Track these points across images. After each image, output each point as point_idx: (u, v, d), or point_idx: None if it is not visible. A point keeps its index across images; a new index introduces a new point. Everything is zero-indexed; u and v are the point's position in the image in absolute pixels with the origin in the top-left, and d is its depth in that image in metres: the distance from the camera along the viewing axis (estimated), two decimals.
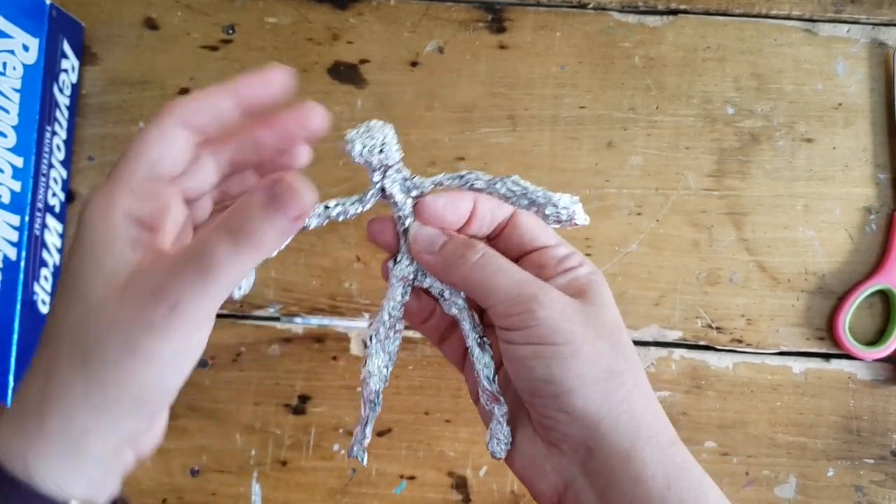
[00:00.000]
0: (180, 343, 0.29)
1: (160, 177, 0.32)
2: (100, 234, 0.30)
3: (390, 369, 0.37)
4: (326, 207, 0.35)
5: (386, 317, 0.36)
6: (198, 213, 0.36)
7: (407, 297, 0.36)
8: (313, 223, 0.35)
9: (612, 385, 0.32)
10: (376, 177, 0.35)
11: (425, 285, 0.36)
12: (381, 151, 0.34)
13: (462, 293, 0.36)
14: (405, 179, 0.35)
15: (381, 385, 0.36)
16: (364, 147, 0.34)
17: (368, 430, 0.37)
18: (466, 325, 0.36)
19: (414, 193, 0.35)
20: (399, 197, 0.35)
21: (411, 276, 0.36)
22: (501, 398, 0.36)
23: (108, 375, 0.28)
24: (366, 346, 0.36)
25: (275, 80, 0.33)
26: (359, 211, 0.35)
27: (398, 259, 0.36)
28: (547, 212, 0.34)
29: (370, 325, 0.37)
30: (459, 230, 0.35)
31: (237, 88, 0.32)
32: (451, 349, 0.38)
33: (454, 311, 0.36)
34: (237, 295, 0.34)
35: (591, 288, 0.34)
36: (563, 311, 0.32)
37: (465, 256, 0.33)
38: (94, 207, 0.30)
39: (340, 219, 0.35)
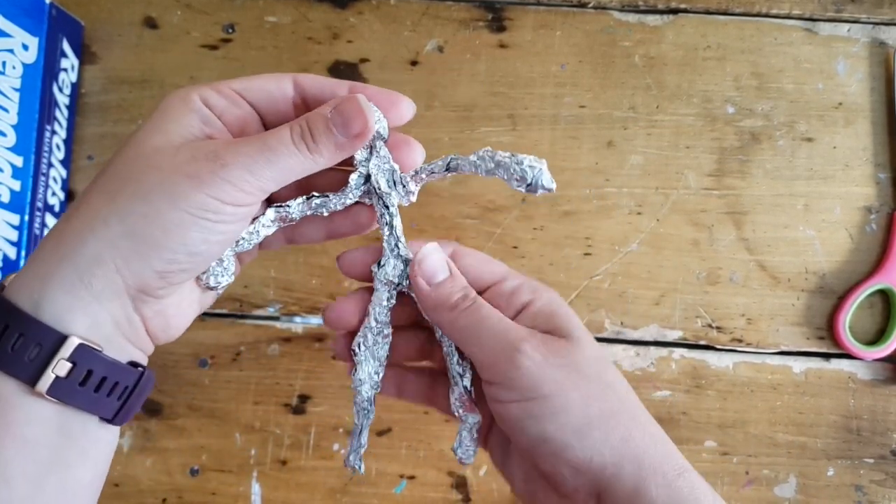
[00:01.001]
0: (214, 202, 0.29)
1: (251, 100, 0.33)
2: (173, 106, 0.31)
3: (381, 374, 0.36)
4: (308, 198, 0.34)
5: (373, 322, 0.35)
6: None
7: (393, 301, 0.36)
8: (295, 212, 0.34)
9: (609, 427, 0.31)
10: (362, 155, 0.34)
11: (410, 289, 0.35)
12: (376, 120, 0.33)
13: None
14: (391, 171, 0.35)
15: (373, 392, 0.36)
16: None
17: (364, 439, 0.36)
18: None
19: (398, 188, 0.35)
20: (384, 187, 0.34)
21: (397, 280, 0.35)
22: (476, 407, 0.35)
23: (135, 206, 0.29)
24: (354, 354, 0.36)
25: (402, 112, 0.35)
26: (343, 202, 0.34)
27: (382, 262, 0.35)
28: (511, 171, 0.33)
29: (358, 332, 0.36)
30: None
31: (362, 92, 0.34)
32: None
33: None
34: (213, 283, 0.33)
35: (560, 320, 0.33)
36: (546, 359, 0.31)
37: (457, 303, 0.33)
38: (177, 91, 0.31)
39: (322, 211, 0.34)
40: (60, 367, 0.28)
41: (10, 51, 0.53)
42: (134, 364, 0.31)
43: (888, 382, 0.56)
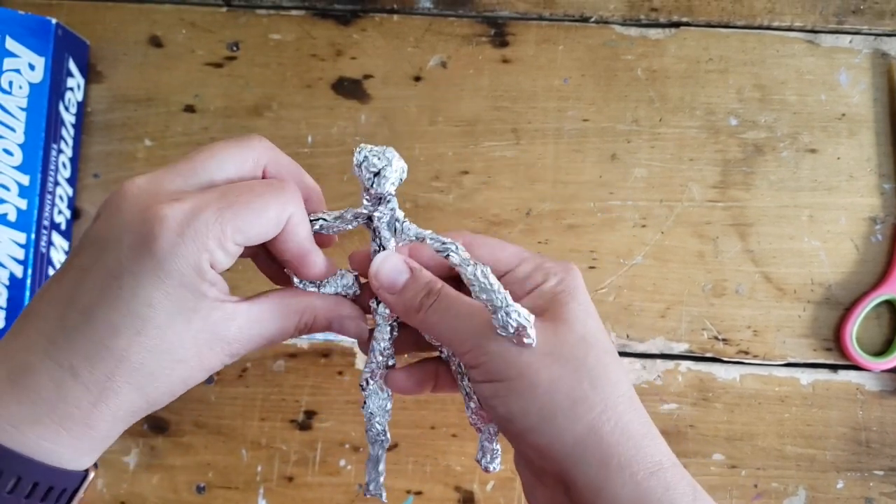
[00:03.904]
0: (208, 373, 0.32)
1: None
2: (189, 278, 0.29)
3: (391, 403, 0.36)
4: (314, 220, 0.34)
5: (378, 357, 0.35)
6: None
7: (396, 333, 0.36)
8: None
9: (576, 414, 0.30)
10: (367, 202, 0.34)
11: None
12: (380, 175, 0.32)
13: None
14: (395, 220, 0.34)
15: (385, 422, 0.36)
16: (369, 162, 0.32)
17: (382, 467, 0.37)
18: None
19: (398, 235, 0.34)
20: (385, 233, 0.34)
21: (395, 314, 0.35)
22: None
23: (164, 398, 0.31)
24: (362, 388, 0.36)
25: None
26: (341, 229, 0.35)
27: (379, 300, 0.35)
28: (498, 315, 0.30)
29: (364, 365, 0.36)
30: None
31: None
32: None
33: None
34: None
35: (555, 301, 0.32)
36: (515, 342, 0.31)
37: (421, 302, 0.33)
38: (184, 246, 0.29)
39: (324, 231, 0.34)
40: None
41: (17, 70, 0.54)
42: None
43: None
